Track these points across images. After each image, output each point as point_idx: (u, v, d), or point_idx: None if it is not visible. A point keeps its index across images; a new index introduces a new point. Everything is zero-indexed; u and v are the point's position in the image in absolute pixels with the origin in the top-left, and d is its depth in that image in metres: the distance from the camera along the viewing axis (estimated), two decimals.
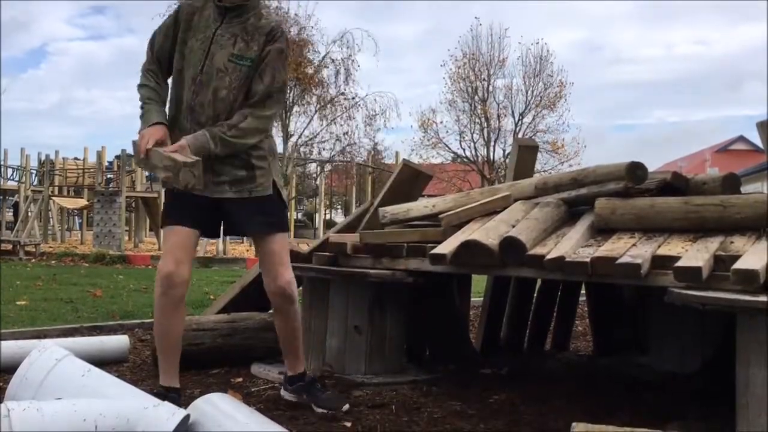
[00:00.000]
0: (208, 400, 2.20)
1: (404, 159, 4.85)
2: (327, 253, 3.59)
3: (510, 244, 2.86)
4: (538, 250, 2.83)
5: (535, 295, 4.29)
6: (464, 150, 26.03)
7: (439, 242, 3.20)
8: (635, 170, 2.97)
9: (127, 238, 17.92)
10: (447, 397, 3.16)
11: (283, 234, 2.87)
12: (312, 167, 19.51)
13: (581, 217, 3.09)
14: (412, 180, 3.93)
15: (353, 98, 13.00)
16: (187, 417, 2.08)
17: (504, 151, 26.10)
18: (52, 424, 1.89)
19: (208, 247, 16.44)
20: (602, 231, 2.93)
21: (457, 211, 3.38)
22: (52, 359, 2.13)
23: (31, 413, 1.88)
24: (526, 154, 3.99)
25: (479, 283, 4.97)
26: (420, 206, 3.61)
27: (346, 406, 2.82)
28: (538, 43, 25.33)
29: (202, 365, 3.62)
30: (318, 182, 19.71)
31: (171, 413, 2.05)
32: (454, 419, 2.83)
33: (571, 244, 2.78)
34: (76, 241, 20.76)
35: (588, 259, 2.61)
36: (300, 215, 27.34)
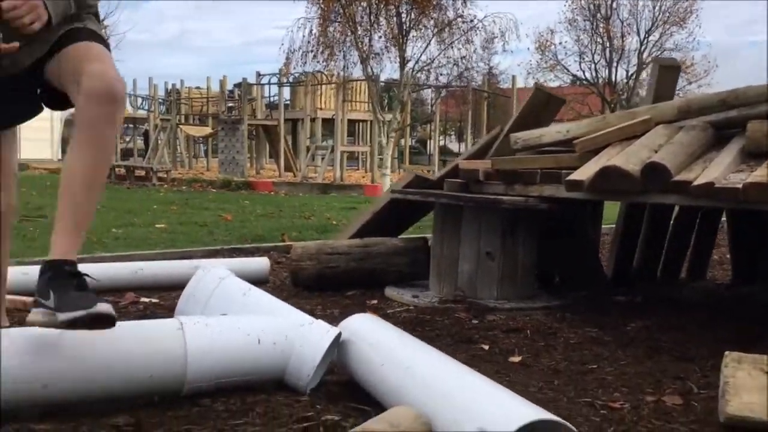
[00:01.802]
0: (356, 319, 2.30)
1: (536, 83, 4.75)
2: (458, 180, 3.61)
3: (653, 170, 2.77)
4: (684, 176, 2.73)
5: (672, 222, 4.16)
6: (584, 72, 25.15)
7: (574, 168, 3.15)
8: None
9: (248, 164, 18.57)
10: (581, 323, 3.16)
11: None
12: (426, 93, 19.38)
13: (730, 141, 2.95)
14: (543, 105, 3.85)
15: (471, 21, 12.70)
16: (339, 334, 2.20)
17: (627, 72, 24.97)
18: (220, 338, 2.04)
19: (326, 174, 16.82)
20: (754, 155, 2.79)
21: (594, 136, 3.30)
22: (216, 278, 2.28)
23: (200, 327, 2.03)
24: (666, 74, 3.80)
25: (609, 209, 4.86)
26: (553, 131, 3.54)
27: (104, 307, 1.76)
28: None
29: (336, 287, 3.77)
30: (431, 108, 19.60)
31: (326, 330, 2.16)
32: (592, 345, 2.83)
33: (720, 170, 2.67)
34: (203, 168, 21.75)
35: (740, 185, 2.50)
36: (414, 142, 27.34)
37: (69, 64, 1.93)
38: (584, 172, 3.02)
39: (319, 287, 3.76)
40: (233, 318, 2.14)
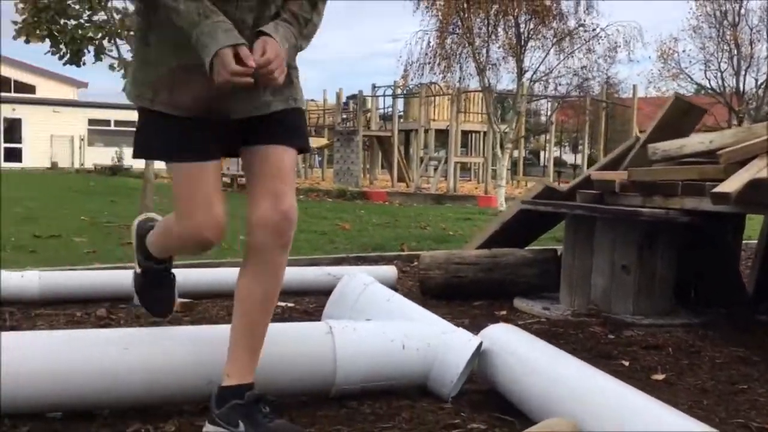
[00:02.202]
0: (497, 329, 2.30)
1: (675, 92, 4.58)
2: (592, 191, 3.54)
3: None
4: None
5: None
6: (709, 81, 24.00)
7: (718, 180, 3.02)
8: None
9: (362, 175, 18.88)
10: (725, 341, 3.02)
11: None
12: (541, 103, 19.09)
13: None
14: (682, 115, 3.72)
15: (594, 29, 12.42)
16: (481, 344, 2.20)
17: (756, 81, 23.66)
18: (365, 341, 2.10)
19: (439, 184, 16.86)
20: None
21: (740, 147, 3.15)
22: (361, 284, 2.34)
23: (348, 331, 2.09)
24: None
25: (751, 224, 4.63)
26: (695, 142, 3.41)
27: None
28: None
29: (463, 297, 3.78)
30: (547, 119, 19.26)
31: (468, 339, 2.17)
32: (739, 365, 2.70)
33: None
34: (317, 178, 22.29)
35: None
36: (527, 153, 26.97)
37: (261, 164, 1.83)
38: (731, 185, 2.88)
39: (446, 296, 3.78)
40: (378, 323, 2.19)
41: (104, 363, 1.81)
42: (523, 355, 2.11)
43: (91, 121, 30.93)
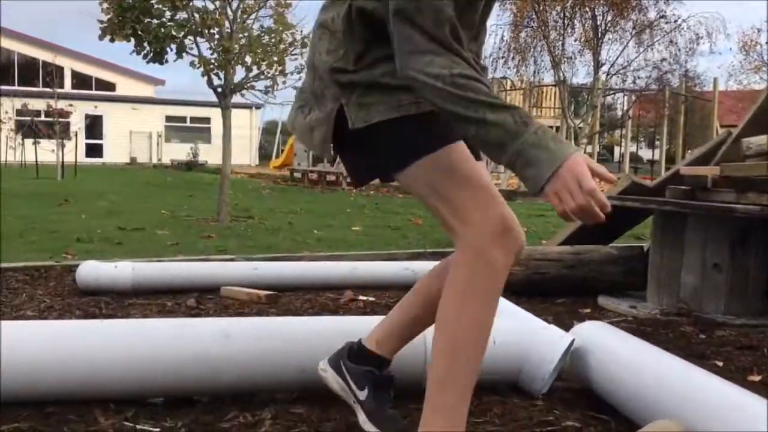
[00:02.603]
0: (588, 327, 2.26)
1: None
2: (683, 187, 3.44)
3: None
4: None
5: None
6: None
7: None
8: None
9: None
10: None
11: None
12: (616, 97, 18.65)
13: None
14: None
15: (675, 21, 12.05)
16: (573, 341, 2.16)
17: None
18: None
19: (510, 181, 16.67)
20: None
21: None
22: None
23: None
24: None
25: None
26: None
27: None
28: None
29: (545, 294, 3.72)
30: (623, 113, 18.81)
31: (560, 336, 2.14)
32: None
33: None
34: None
35: None
36: (600, 148, 26.41)
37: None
38: None
39: (526, 293, 3.73)
40: None
41: (208, 351, 1.86)
42: (619, 353, 2.06)
43: (168, 118, 31.86)
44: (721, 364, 2.61)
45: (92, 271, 3.40)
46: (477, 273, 1.43)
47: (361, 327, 2.02)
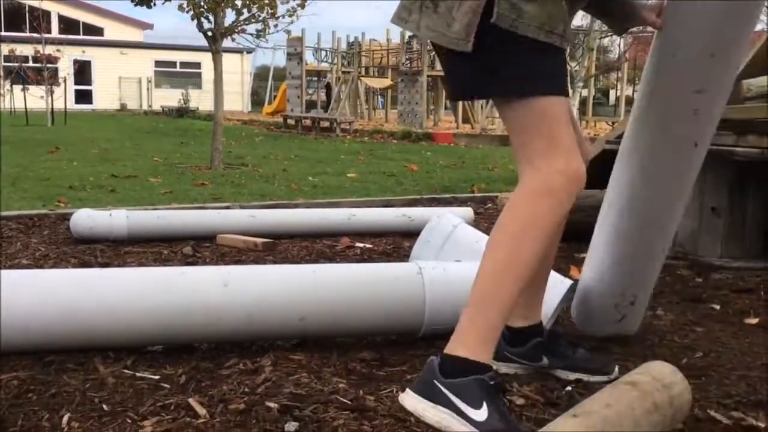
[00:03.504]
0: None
1: None
2: None
3: None
4: None
5: None
6: None
7: None
8: None
9: (426, 116, 18.69)
10: None
11: None
12: (614, 39, 18.40)
13: None
14: None
15: None
16: (573, 284, 2.16)
17: None
18: (455, 282, 2.08)
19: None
20: None
21: None
22: (449, 225, 2.32)
23: (438, 272, 2.08)
24: None
25: None
26: None
27: (616, 371, 1.86)
28: None
29: None
30: (620, 55, 18.59)
31: (560, 281, 2.14)
32: None
33: None
34: (381, 119, 22.20)
35: None
36: (595, 91, 26.21)
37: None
38: None
39: None
40: (468, 264, 2.17)
41: (207, 299, 1.85)
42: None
43: (158, 63, 31.38)
44: (718, 307, 2.62)
45: (87, 219, 3.37)
46: (546, 207, 1.56)
47: (359, 274, 2.01)
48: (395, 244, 3.64)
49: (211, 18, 7.60)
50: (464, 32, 1.54)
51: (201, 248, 3.35)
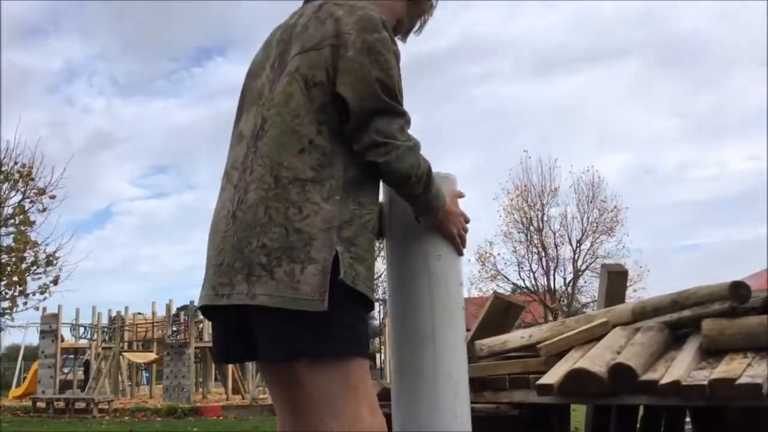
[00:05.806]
0: None
1: (495, 291, 4.92)
2: None
3: (620, 371, 2.84)
4: (650, 376, 2.80)
5: (638, 424, 4.17)
6: (524, 281, 25.93)
7: (541, 373, 3.20)
8: (738, 289, 2.97)
9: (194, 389, 17.97)
10: None
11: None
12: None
13: (686, 339, 3.07)
14: (503, 312, 3.98)
15: None
16: None
17: (564, 279, 25.88)
18: None
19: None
20: (712, 353, 2.90)
21: (556, 340, 3.40)
22: None
23: None
24: (615, 279, 4.02)
25: (576, 414, 4.85)
26: (516, 337, 3.63)
27: None
28: (588, 170, 25.75)
29: None
30: (379, 322, 19.64)
31: None
32: None
33: (683, 368, 2.75)
34: (145, 396, 20.90)
35: (705, 382, 2.58)
36: None
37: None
38: (553, 376, 3.07)
39: None
40: None
41: None
42: None
43: None
44: None
45: None
46: None
47: None
48: None
49: None
50: (317, 293, 1.59)
51: None
